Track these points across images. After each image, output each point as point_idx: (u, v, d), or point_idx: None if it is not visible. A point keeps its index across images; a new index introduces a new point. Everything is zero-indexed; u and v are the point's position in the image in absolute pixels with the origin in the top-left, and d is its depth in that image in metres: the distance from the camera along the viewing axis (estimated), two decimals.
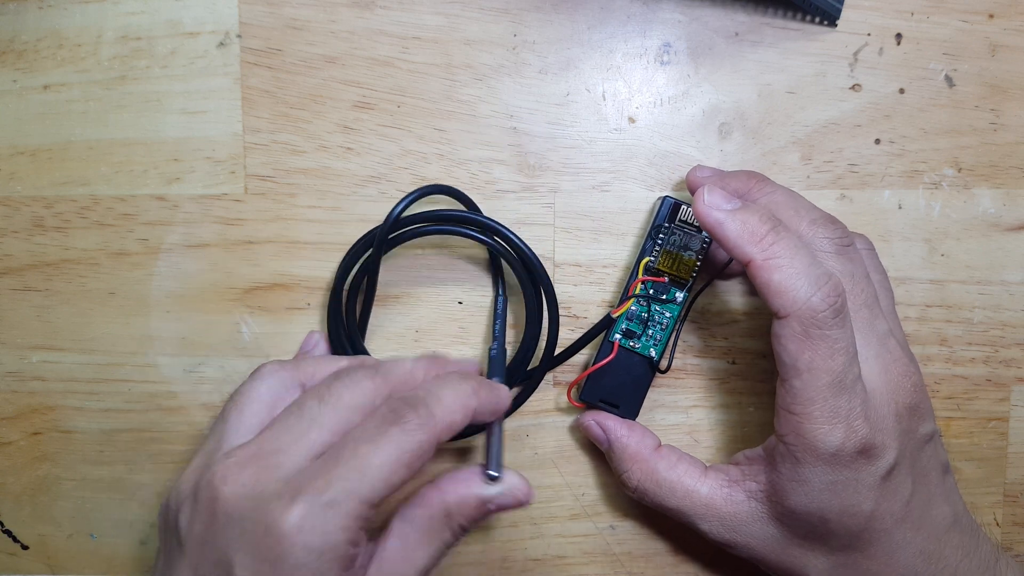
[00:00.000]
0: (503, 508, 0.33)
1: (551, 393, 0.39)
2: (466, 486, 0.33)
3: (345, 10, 0.38)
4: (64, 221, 0.39)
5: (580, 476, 0.40)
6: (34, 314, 0.39)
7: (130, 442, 0.40)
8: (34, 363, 0.39)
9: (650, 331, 0.37)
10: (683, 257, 0.37)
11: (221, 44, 0.38)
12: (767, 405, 0.40)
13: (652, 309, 0.37)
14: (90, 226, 0.39)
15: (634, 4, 0.38)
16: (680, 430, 0.40)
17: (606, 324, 0.37)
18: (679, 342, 0.38)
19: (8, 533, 0.40)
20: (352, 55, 0.38)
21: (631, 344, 0.37)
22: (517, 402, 0.38)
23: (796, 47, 0.39)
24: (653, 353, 0.37)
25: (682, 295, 0.37)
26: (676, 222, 0.37)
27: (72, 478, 0.40)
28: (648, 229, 0.37)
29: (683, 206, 0.36)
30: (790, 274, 0.31)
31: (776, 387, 0.33)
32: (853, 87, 0.39)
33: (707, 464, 0.36)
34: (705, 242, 0.37)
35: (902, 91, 0.39)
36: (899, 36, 0.39)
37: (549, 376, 0.39)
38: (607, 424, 0.37)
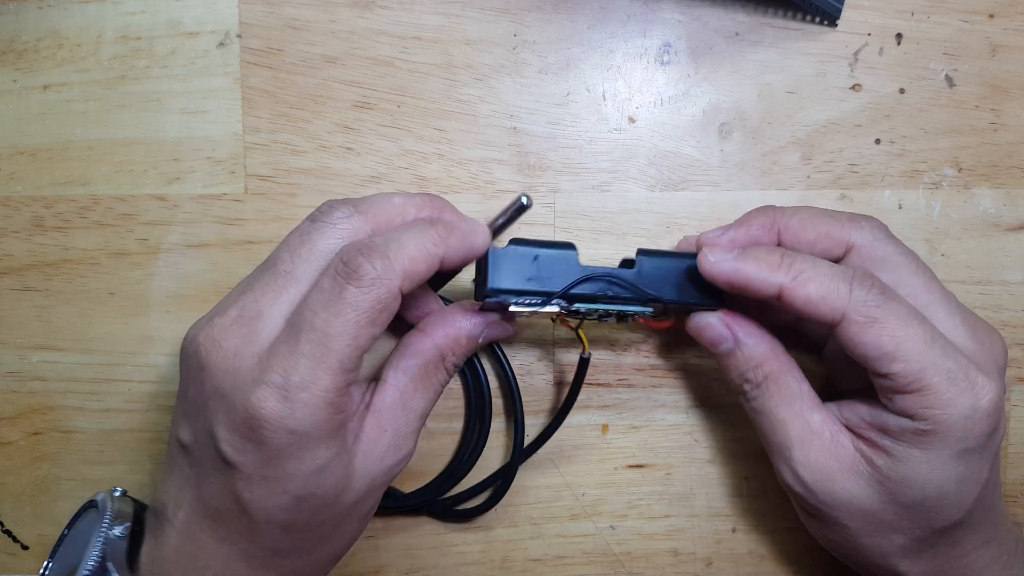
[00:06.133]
0: (491, 339, 0.34)
1: (550, 394, 0.39)
2: (454, 326, 0.33)
3: (345, 10, 0.38)
4: (64, 221, 0.39)
5: (580, 476, 0.40)
6: (34, 314, 0.39)
7: (130, 442, 0.40)
8: (34, 363, 0.39)
9: (619, 306, 0.33)
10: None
11: (221, 44, 0.38)
12: None
13: (589, 309, 0.33)
14: (90, 226, 0.39)
15: (634, 4, 0.38)
16: (680, 430, 0.40)
17: (584, 366, 0.35)
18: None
19: (8, 533, 0.40)
20: (352, 55, 0.38)
21: (648, 311, 0.34)
22: (495, 496, 0.38)
23: (796, 47, 0.39)
24: (642, 308, 0.34)
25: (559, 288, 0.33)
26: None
27: (72, 478, 0.40)
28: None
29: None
30: (823, 281, 0.31)
31: (877, 394, 0.31)
32: (853, 87, 0.39)
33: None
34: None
35: (902, 91, 0.39)
36: (899, 36, 0.39)
37: (549, 376, 0.39)
38: (733, 322, 0.34)
